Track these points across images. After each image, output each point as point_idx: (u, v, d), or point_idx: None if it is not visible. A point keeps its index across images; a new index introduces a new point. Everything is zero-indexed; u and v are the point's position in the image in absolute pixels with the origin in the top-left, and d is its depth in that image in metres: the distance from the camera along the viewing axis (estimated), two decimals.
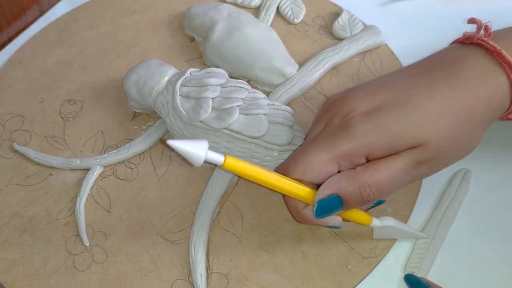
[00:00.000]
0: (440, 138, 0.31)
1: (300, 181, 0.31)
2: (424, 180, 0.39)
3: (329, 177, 0.31)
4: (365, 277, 0.35)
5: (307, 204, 0.32)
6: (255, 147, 0.38)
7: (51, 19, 0.52)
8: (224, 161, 0.28)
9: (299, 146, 0.34)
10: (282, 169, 0.32)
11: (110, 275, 0.36)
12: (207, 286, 0.35)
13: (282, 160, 0.38)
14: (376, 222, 0.34)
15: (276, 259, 0.36)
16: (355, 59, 0.47)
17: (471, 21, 0.35)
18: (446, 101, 0.31)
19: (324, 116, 0.34)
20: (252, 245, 0.37)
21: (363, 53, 0.47)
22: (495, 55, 0.32)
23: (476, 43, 0.33)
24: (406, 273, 0.35)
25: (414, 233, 0.36)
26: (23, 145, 0.43)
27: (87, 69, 0.48)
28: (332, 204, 0.31)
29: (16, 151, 0.43)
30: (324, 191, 0.31)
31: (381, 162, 0.31)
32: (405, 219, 0.38)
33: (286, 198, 0.33)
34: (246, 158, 0.38)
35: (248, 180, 0.30)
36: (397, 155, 0.31)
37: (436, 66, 0.33)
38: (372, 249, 0.36)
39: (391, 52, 0.47)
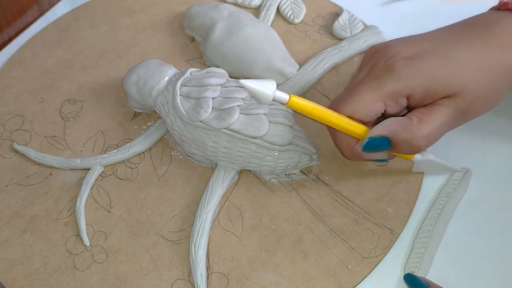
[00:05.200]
0: (474, 88, 0.33)
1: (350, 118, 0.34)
2: (425, 180, 0.39)
3: (377, 116, 0.34)
4: (365, 277, 0.36)
5: (358, 141, 0.34)
6: (256, 147, 0.37)
7: (51, 19, 0.52)
8: (289, 99, 0.31)
9: (345, 89, 0.36)
10: (332, 108, 0.34)
11: (110, 275, 0.36)
12: (207, 286, 0.35)
13: (283, 160, 0.38)
14: (418, 156, 0.36)
15: (276, 259, 0.36)
16: (355, 59, 0.47)
17: None
18: (481, 55, 0.34)
19: (368, 62, 0.36)
20: (252, 245, 0.37)
21: (363, 53, 0.47)
22: None
23: (510, 8, 0.35)
24: (405, 273, 0.35)
25: (451, 167, 0.39)
26: (23, 145, 0.43)
27: (87, 69, 0.48)
28: (381, 144, 0.33)
29: (16, 151, 0.43)
30: (378, 131, 0.33)
31: (429, 113, 0.33)
32: (405, 219, 0.38)
33: (337, 136, 0.35)
34: (246, 158, 0.38)
35: (310, 118, 0.33)
36: (439, 105, 0.33)
37: (473, 25, 0.36)
38: (372, 249, 0.36)
39: None
